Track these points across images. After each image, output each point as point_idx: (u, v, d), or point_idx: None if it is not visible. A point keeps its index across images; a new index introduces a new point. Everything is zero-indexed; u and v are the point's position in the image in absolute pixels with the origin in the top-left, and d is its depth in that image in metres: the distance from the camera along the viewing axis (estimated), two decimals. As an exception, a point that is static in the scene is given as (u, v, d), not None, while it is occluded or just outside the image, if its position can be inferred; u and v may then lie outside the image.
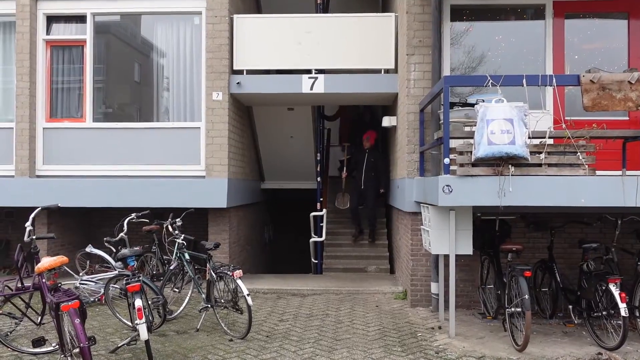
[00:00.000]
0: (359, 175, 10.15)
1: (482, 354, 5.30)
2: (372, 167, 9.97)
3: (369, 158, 10.06)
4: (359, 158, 10.29)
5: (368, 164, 10.02)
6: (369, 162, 10.03)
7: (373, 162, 9.97)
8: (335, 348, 5.49)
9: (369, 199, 10.08)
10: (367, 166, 10.02)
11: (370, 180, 9.98)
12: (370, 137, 10.18)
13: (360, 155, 10.29)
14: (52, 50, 8.92)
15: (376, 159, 10.04)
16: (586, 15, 7.30)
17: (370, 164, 10.00)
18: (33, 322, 5.68)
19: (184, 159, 8.65)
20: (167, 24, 8.86)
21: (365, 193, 10.07)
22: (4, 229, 10.12)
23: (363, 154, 10.18)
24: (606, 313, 5.56)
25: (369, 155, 10.08)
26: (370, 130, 10.56)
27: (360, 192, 10.14)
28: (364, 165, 10.07)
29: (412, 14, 7.17)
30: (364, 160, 10.10)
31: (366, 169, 10.02)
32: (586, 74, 5.51)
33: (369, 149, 10.14)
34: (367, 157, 10.09)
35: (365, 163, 10.06)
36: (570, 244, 6.89)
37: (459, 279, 6.77)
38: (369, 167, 10.01)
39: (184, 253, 6.65)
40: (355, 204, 10.27)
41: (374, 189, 9.97)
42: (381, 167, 9.93)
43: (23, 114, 8.62)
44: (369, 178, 10.00)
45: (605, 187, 5.30)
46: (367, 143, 10.15)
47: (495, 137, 5.24)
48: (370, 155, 10.08)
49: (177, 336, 5.95)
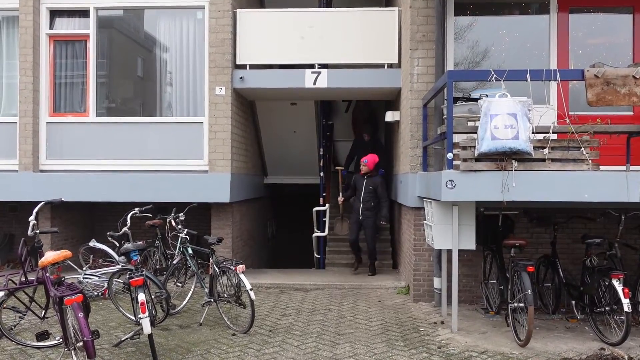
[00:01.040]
0: (357, 205, 9.00)
1: (484, 349, 5.30)
2: (372, 196, 8.84)
3: (368, 185, 8.86)
4: (358, 185, 9.06)
5: (367, 192, 8.86)
6: (367, 189, 8.85)
7: (372, 190, 8.83)
8: (337, 343, 5.50)
9: (368, 230, 8.95)
10: (366, 194, 8.85)
11: (370, 210, 8.84)
12: (368, 161, 8.90)
13: (359, 182, 9.06)
14: (55, 44, 8.93)
15: (375, 186, 8.84)
16: (590, 9, 7.26)
17: (369, 192, 8.85)
18: (37, 315, 5.70)
19: (187, 153, 8.66)
20: (170, 19, 8.85)
21: (364, 223, 8.93)
22: (8, 223, 10.16)
23: (362, 181, 8.97)
24: (609, 308, 5.55)
25: (367, 183, 8.87)
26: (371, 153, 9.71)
27: (360, 222, 8.96)
28: (362, 193, 8.90)
29: (415, 9, 7.15)
30: (362, 188, 8.91)
31: (365, 198, 8.86)
32: (590, 68, 5.48)
33: (367, 174, 8.90)
34: (365, 185, 8.88)
35: (364, 191, 8.88)
36: (574, 239, 6.87)
37: (461, 274, 6.77)
38: (367, 196, 8.85)
39: (187, 248, 6.67)
40: (354, 236, 9.05)
41: (373, 220, 8.88)
42: (382, 194, 8.85)
43: (26, 109, 8.63)
44: (368, 208, 8.85)
45: (609, 182, 5.28)
46: (364, 168, 8.88)
47: (498, 132, 5.22)
48: (369, 182, 8.87)
49: (180, 330, 5.97)
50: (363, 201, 8.84)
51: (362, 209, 8.85)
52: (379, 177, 8.92)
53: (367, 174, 8.88)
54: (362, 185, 8.89)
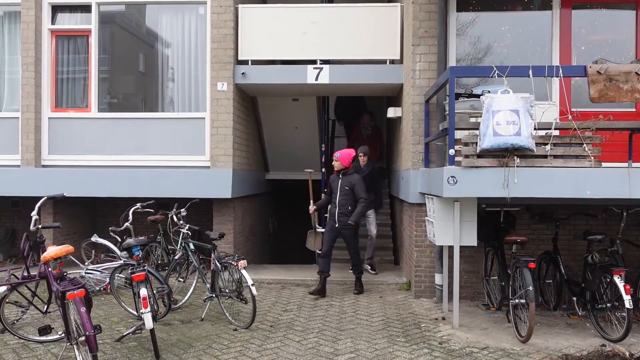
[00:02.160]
0: (332, 209, 7.60)
1: (485, 344, 5.31)
2: (349, 198, 7.39)
3: (343, 185, 7.45)
4: (333, 186, 7.66)
5: (343, 194, 7.43)
6: (342, 190, 7.44)
7: (348, 191, 7.40)
8: (339, 338, 5.51)
9: (348, 240, 7.52)
10: (342, 196, 7.43)
11: (347, 215, 7.37)
12: (340, 155, 7.52)
13: (334, 182, 7.66)
14: (57, 40, 8.92)
15: (352, 185, 7.40)
16: (593, 6, 7.23)
17: (345, 193, 7.42)
18: (39, 310, 5.72)
19: (189, 149, 8.66)
20: (172, 14, 8.84)
21: (343, 232, 7.47)
22: (10, 219, 10.18)
23: (337, 181, 7.58)
24: (610, 305, 5.56)
25: (342, 182, 7.47)
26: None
27: (336, 231, 7.48)
28: (337, 195, 7.50)
29: (417, 4, 7.13)
30: (337, 189, 7.52)
31: (340, 201, 7.43)
32: (593, 65, 5.47)
33: (342, 172, 7.54)
34: (340, 185, 7.48)
35: (339, 192, 7.47)
36: (575, 235, 6.87)
37: (463, 270, 6.78)
38: (344, 198, 7.41)
39: (188, 243, 6.68)
40: (327, 248, 7.48)
41: (350, 229, 7.43)
42: (359, 193, 7.38)
43: (28, 104, 8.64)
44: (345, 212, 7.39)
45: (611, 179, 5.28)
46: (336, 164, 7.56)
47: (500, 128, 5.22)
48: (345, 181, 7.46)
49: (181, 325, 5.99)
50: (339, 205, 7.45)
51: (337, 215, 7.45)
52: (356, 174, 7.53)
53: (342, 172, 7.53)
54: (337, 185, 7.55)
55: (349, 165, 7.50)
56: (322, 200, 7.96)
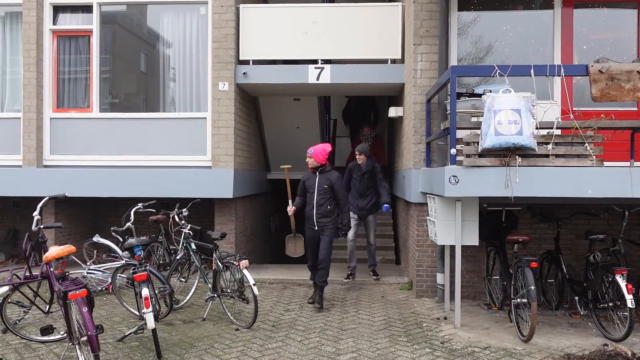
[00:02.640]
0: (309, 211, 6.74)
1: (487, 344, 5.31)
2: (328, 198, 6.60)
3: (321, 184, 6.61)
4: (308, 184, 6.78)
5: (320, 193, 6.60)
6: (320, 189, 6.60)
7: (327, 190, 6.59)
8: (341, 338, 5.51)
9: (325, 241, 6.64)
10: (320, 196, 6.60)
11: (327, 216, 6.60)
12: (314, 151, 6.66)
13: (309, 181, 6.79)
14: (58, 40, 8.93)
15: (331, 183, 6.60)
16: (595, 4, 7.23)
17: (323, 192, 6.59)
18: (41, 310, 5.73)
19: (190, 149, 8.66)
20: (173, 14, 8.84)
21: (322, 235, 6.64)
22: (12, 219, 10.20)
23: (313, 179, 6.73)
24: (612, 304, 5.55)
25: (320, 181, 6.63)
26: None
27: (317, 234, 6.68)
28: (314, 195, 6.65)
29: (419, 4, 7.13)
30: (314, 188, 6.66)
31: (318, 201, 6.60)
32: (595, 64, 5.46)
33: (319, 170, 6.70)
34: (317, 183, 6.64)
35: (316, 192, 6.62)
36: (577, 235, 6.87)
37: (464, 269, 6.77)
38: (322, 198, 6.60)
39: (190, 243, 6.69)
40: (313, 257, 6.76)
41: (332, 229, 6.65)
42: (341, 192, 6.65)
43: (30, 104, 8.65)
44: (324, 213, 6.60)
45: (613, 178, 5.27)
46: (310, 161, 6.69)
47: (502, 127, 5.21)
48: (323, 179, 6.62)
49: (183, 325, 5.99)
50: (317, 205, 6.62)
51: (316, 216, 6.64)
52: (335, 171, 6.77)
53: (319, 169, 6.72)
54: (314, 184, 6.69)
55: (326, 162, 6.71)
56: (296, 202, 6.96)
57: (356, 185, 8.08)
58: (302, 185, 6.85)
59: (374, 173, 8.05)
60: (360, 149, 8.04)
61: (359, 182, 8.05)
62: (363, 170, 7.97)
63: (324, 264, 6.61)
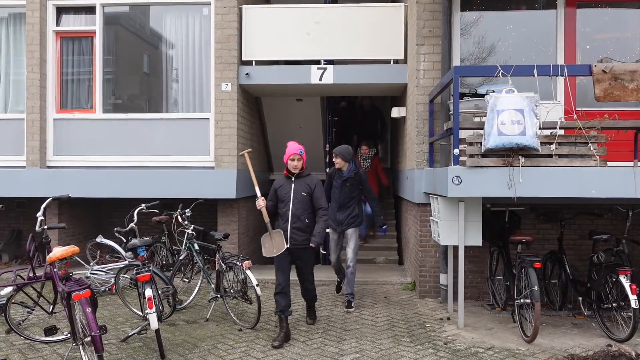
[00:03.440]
0: (282, 224, 5.72)
1: (490, 344, 5.30)
2: (306, 208, 5.63)
3: (298, 191, 5.62)
4: (282, 192, 5.73)
5: (297, 202, 5.60)
6: (297, 197, 5.61)
7: (305, 199, 5.61)
8: (344, 338, 5.51)
9: (305, 264, 5.82)
10: (296, 205, 5.60)
11: (303, 230, 5.62)
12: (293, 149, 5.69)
13: (283, 188, 5.73)
14: (61, 41, 8.95)
15: (310, 190, 5.63)
16: (598, 4, 7.21)
17: (300, 201, 5.60)
18: (45, 311, 5.74)
19: (193, 149, 8.67)
20: (176, 15, 8.86)
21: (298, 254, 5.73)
22: (16, 219, 10.22)
23: (288, 185, 5.70)
24: (616, 305, 5.53)
25: (297, 187, 5.64)
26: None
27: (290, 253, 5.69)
28: (290, 204, 5.63)
29: (422, 4, 7.12)
30: (289, 196, 5.65)
31: (295, 211, 5.60)
32: (598, 64, 5.45)
33: (296, 174, 5.69)
34: (293, 190, 5.64)
35: (292, 200, 5.62)
36: (581, 235, 6.85)
37: (467, 270, 6.77)
38: (299, 207, 5.60)
39: (193, 243, 6.70)
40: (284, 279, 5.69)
41: (306, 243, 5.64)
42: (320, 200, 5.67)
43: (33, 105, 8.68)
44: (300, 227, 5.61)
45: (617, 178, 5.26)
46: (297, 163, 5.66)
47: (505, 127, 5.20)
48: (300, 186, 5.64)
49: (186, 326, 6.00)
50: (292, 217, 5.59)
51: (291, 230, 5.60)
52: (314, 176, 5.83)
53: (296, 174, 5.70)
54: (289, 191, 5.66)
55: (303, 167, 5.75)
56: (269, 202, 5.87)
57: (336, 195, 6.80)
58: (273, 194, 5.81)
59: (357, 181, 6.80)
60: (338, 151, 6.75)
61: (339, 190, 6.77)
62: (344, 177, 6.73)
63: (309, 287, 5.92)
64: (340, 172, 6.77)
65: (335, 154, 6.78)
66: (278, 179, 5.88)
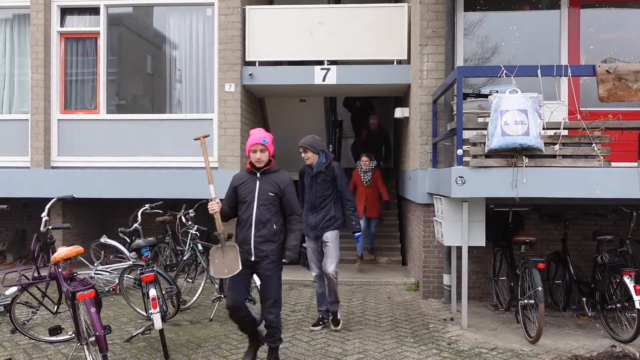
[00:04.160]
0: (244, 233, 4.55)
1: (494, 345, 5.29)
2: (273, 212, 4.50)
3: (264, 191, 4.49)
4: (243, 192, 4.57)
5: (262, 204, 4.47)
6: (262, 198, 4.48)
7: (273, 200, 4.49)
8: (347, 338, 5.51)
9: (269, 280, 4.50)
10: (260, 209, 4.46)
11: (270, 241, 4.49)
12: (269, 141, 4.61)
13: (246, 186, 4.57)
14: (66, 42, 8.98)
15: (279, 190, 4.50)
16: (602, 4, 7.19)
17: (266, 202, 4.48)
18: (49, 310, 5.76)
19: (197, 150, 8.63)
20: (179, 16, 8.88)
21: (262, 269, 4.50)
22: (20, 220, 10.26)
23: (252, 183, 4.56)
24: (620, 305, 5.53)
25: (262, 186, 4.51)
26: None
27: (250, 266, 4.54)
28: (253, 207, 4.49)
29: (425, 4, 7.12)
30: (253, 197, 4.50)
31: (259, 217, 4.46)
32: (602, 64, 5.44)
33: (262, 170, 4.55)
34: (258, 190, 4.50)
35: (256, 202, 4.48)
36: (584, 236, 6.84)
37: (471, 270, 6.76)
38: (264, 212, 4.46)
39: (197, 244, 6.71)
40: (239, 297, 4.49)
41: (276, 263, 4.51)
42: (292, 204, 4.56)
43: (38, 106, 8.71)
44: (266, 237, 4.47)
45: (621, 178, 5.25)
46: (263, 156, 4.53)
47: (509, 128, 5.20)
48: (266, 184, 4.51)
49: (190, 326, 6.01)
50: (257, 222, 4.47)
51: (255, 239, 4.47)
52: (284, 173, 4.66)
53: (263, 169, 4.56)
54: (253, 190, 4.53)
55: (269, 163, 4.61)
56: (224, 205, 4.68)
57: (307, 195, 5.84)
58: (231, 192, 4.64)
59: (330, 176, 5.73)
60: (305, 143, 5.77)
61: (309, 189, 5.80)
62: (313, 172, 5.73)
63: (275, 324, 4.56)
64: (310, 168, 5.80)
65: (303, 147, 5.74)
66: (239, 173, 4.76)
